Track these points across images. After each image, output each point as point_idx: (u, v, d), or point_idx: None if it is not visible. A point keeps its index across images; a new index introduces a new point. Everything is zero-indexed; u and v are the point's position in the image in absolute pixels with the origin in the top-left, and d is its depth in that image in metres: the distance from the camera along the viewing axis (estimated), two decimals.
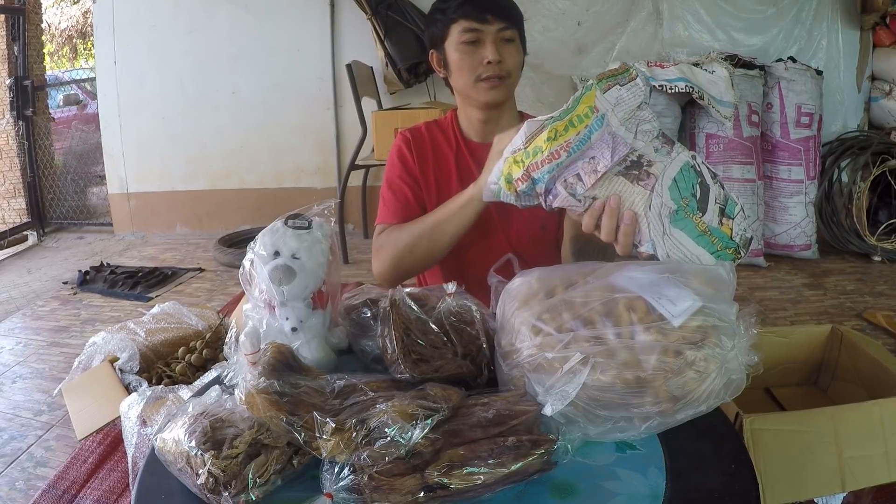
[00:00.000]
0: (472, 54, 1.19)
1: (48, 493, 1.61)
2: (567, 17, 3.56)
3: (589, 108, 0.82)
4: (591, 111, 0.82)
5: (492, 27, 1.17)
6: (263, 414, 0.67)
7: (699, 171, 0.83)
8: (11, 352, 2.60)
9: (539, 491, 0.66)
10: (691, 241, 0.81)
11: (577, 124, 0.82)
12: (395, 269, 1.18)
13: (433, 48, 1.27)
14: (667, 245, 0.82)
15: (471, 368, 0.82)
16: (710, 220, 0.82)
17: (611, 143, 0.82)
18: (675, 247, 0.82)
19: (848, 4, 3.45)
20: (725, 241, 0.82)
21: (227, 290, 3.15)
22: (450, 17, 1.20)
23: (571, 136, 0.82)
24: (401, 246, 1.17)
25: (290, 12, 3.82)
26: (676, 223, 0.81)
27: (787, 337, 1.50)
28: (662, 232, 0.81)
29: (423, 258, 1.16)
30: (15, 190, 4.53)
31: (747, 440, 1.11)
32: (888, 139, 3.34)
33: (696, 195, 0.82)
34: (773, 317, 2.59)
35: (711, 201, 0.82)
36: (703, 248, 0.82)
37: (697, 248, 0.81)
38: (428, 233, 1.14)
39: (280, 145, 4.03)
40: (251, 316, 0.91)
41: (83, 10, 8.64)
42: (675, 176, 0.82)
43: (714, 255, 0.82)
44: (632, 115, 0.83)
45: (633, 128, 0.83)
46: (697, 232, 0.81)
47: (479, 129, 1.29)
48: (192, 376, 1.79)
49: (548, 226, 1.28)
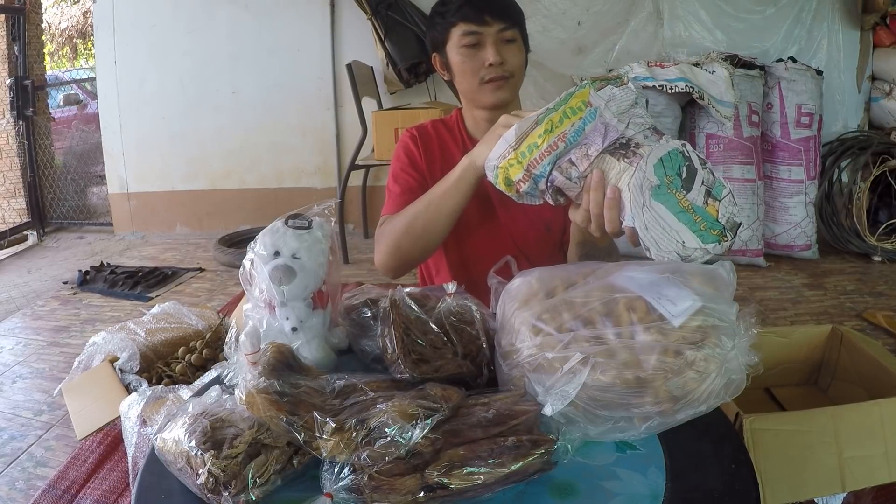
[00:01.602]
0: (474, 57, 1.18)
1: (48, 492, 1.61)
2: (567, 17, 3.56)
3: (582, 102, 0.84)
4: (584, 105, 0.83)
5: (491, 28, 1.17)
6: (263, 414, 0.67)
7: (688, 157, 0.83)
8: (11, 352, 2.60)
9: (539, 491, 0.66)
10: (672, 216, 0.80)
11: (572, 115, 0.83)
12: (395, 254, 1.14)
13: (435, 51, 1.27)
14: (646, 217, 0.80)
15: (471, 368, 0.82)
16: (695, 199, 0.81)
17: (603, 131, 0.83)
18: (654, 220, 0.80)
19: (848, 4, 3.44)
20: (710, 222, 0.81)
21: (227, 290, 3.15)
22: (449, 21, 1.19)
23: (567, 126, 0.83)
24: (399, 228, 1.13)
25: (290, 12, 3.82)
26: (657, 197, 0.80)
27: (787, 337, 1.50)
28: (642, 203, 0.80)
29: (422, 239, 1.12)
30: (15, 190, 4.53)
31: (747, 440, 1.11)
32: (888, 139, 3.34)
33: (681, 175, 0.81)
34: (773, 317, 2.59)
35: (698, 182, 0.82)
36: (684, 224, 0.80)
37: (678, 224, 0.80)
38: (423, 211, 1.10)
39: (280, 145, 4.03)
40: (251, 316, 0.91)
41: (83, 10, 8.63)
42: (661, 156, 0.81)
43: (696, 235, 0.80)
44: (625, 110, 0.84)
45: (625, 120, 0.84)
46: (679, 208, 0.80)
47: (485, 129, 1.29)
48: (192, 376, 1.79)
49: (553, 227, 1.28)
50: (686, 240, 0.80)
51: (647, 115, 0.86)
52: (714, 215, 0.81)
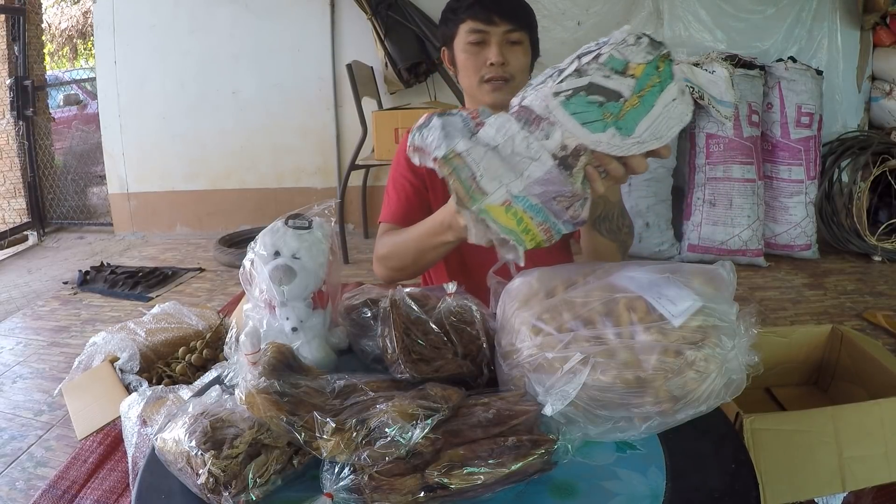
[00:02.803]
0: (477, 55, 1.20)
1: (48, 493, 1.61)
2: (567, 17, 3.56)
3: (507, 216, 0.80)
4: (508, 214, 0.80)
5: (498, 29, 1.18)
6: (263, 414, 0.67)
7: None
8: (12, 352, 2.60)
9: (539, 491, 0.66)
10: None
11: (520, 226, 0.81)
12: (390, 273, 1.20)
13: (445, 46, 1.29)
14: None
15: (471, 368, 0.82)
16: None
17: (545, 185, 0.78)
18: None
19: (848, 4, 3.44)
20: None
21: (227, 290, 3.15)
22: (459, 17, 1.21)
23: (529, 222, 0.81)
24: (392, 253, 1.18)
25: (291, 12, 3.82)
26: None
27: (788, 337, 1.50)
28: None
29: (414, 266, 1.16)
30: (15, 190, 4.53)
31: (747, 440, 1.11)
32: (888, 139, 3.34)
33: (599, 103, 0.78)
34: (773, 317, 2.59)
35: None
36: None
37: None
38: (413, 249, 1.13)
39: (280, 145, 4.03)
40: (251, 316, 0.91)
41: (83, 10, 8.63)
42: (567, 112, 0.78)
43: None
44: (503, 163, 0.78)
45: (525, 162, 0.78)
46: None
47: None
48: (192, 376, 1.79)
49: None
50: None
51: (504, 138, 0.79)
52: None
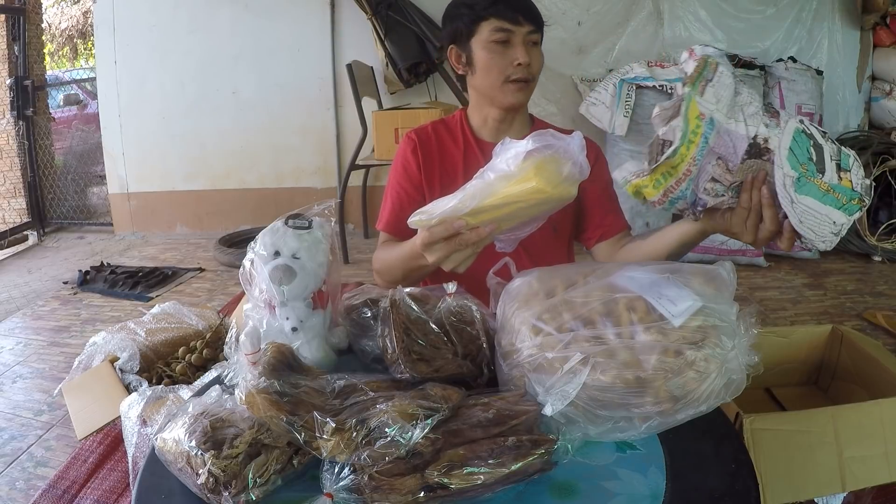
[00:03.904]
0: (503, 54, 1.18)
1: (48, 492, 1.61)
2: (567, 17, 3.56)
3: (697, 118, 0.85)
4: (699, 120, 0.85)
5: (523, 29, 1.17)
6: (263, 414, 0.67)
7: (810, 134, 0.85)
8: (12, 352, 2.60)
9: (539, 491, 0.66)
10: (818, 202, 0.83)
11: (694, 138, 0.85)
12: (388, 287, 1.19)
13: (454, 43, 1.24)
14: (797, 213, 0.84)
15: (471, 368, 0.82)
16: (831, 179, 0.84)
17: (730, 141, 0.85)
18: (805, 213, 0.84)
19: (848, 4, 3.44)
20: (849, 194, 0.84)
21: (227, 290, 3.15)
22: (480, 14, 1.18)
23: (694, 150, 0.85)
24: (386, 275, 1.20)
25: (291, 12, 3.82)
26: (801, 190, 0.83)
27: (788, 337, 1.50)
28: (791, 201, 0.83)
29: (408, 280, 1.15)
30: (15, 190, 4.53)
31: (747, 440, 1.11)
32: (888, 139, 3.34)
33: (812, 158, 0.84)
34: (773, 317, 2.59)
35: (827, 160, 0.84)
36: (830, 206, 0.83)
37: (825, 208, 0.83)
38: (400, 273, 1.14)
39: (280, 145, 4.03)
40: (251, 316, 0.91)
41: (83, 10, 8.64)
42: (789, 145, 0.84)
43: (842, 210, 0.84)
44: (733, 102, 0.85)
45: (740, 117, 0.85)
46: (821, 192, 0.83)
47: (493, 129, 1.29)
48: (192, 376, 1.79)
49: (560, 228, 1.28)
50: (835, 219, 0.84)
51: (753, 98, 0.87)
52: (850, 186, 0.84)
